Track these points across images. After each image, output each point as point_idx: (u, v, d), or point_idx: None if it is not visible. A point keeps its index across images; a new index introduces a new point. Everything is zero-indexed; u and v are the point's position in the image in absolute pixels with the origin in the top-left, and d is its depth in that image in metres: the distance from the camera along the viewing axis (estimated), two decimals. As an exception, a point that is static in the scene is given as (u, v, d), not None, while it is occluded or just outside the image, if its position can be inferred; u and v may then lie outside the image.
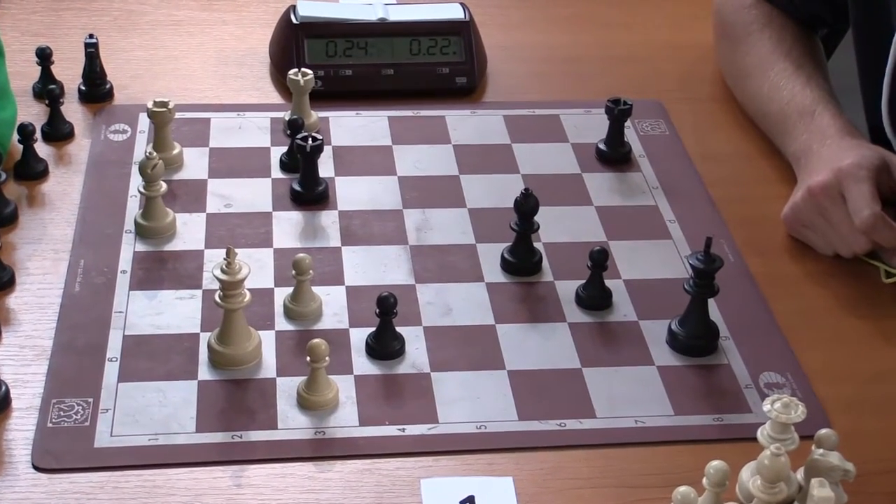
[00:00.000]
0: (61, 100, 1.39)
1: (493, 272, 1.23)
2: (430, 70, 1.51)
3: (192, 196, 1.31)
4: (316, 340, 1.04)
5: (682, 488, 0.90)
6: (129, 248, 1.23)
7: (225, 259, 1.07)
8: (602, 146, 1.41)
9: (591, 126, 1.45)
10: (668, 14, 1.74)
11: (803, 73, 1.41)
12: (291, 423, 1.04)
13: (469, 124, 1.46)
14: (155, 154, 1.23)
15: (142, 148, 1.36)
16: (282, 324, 1.15)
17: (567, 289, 1.21)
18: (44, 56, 1.44)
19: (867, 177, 1.21)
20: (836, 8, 1.46)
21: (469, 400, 1.08)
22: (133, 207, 1.28)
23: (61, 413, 1.03)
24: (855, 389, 1.13)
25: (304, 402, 1.05)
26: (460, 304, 1.18)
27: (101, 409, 1.04)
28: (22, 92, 1.44)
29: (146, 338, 1.12)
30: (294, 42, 1.49)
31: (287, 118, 1.36)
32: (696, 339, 1.14)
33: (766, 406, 0.96)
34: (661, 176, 1.38)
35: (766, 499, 0.92)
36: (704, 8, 1.69)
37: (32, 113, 1.42)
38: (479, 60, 1.53)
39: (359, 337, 1.13)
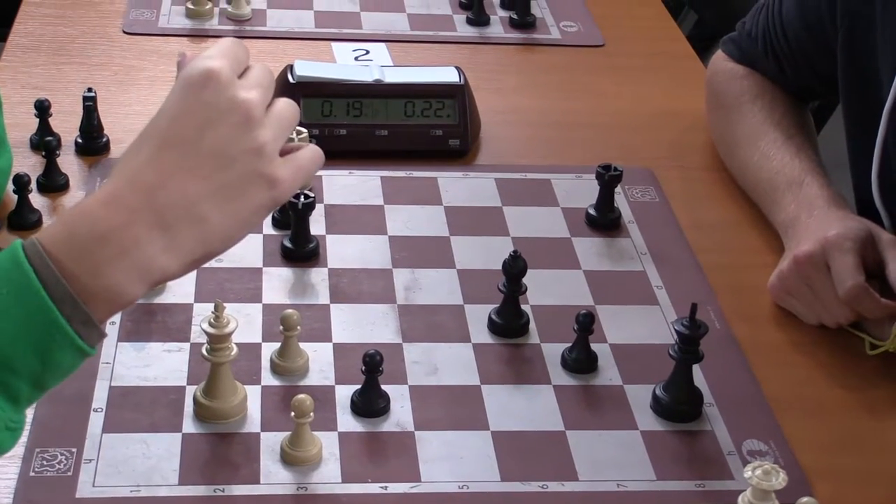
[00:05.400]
0: (58, 152, 1.40)
1: (480, 333, 1.23)
2: (423, 132, 1.52)
3: (183, 250, 1.31)
4: (301, 396, 1.04)
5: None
6: (119, 299, 1.23)
7: (213, 312, 1.08)
8: (592, 211, 1.42)
9: (582, 191, 1.46)
10: (661, 83, 1.76)
11: (793, 144, 1.43)
12: (274, 478, 1.04)
13: (461, 186, 1.47)
14: (148, 207, 1.24)
15: (135, 201, 1.37)
16: (268, 379, 1.15)
17: (553, 351, 1.21)
18: (42, 108, 1.45)
19: (852, 248, 1.22)
20: (826, 80, 1.47)
21: (452, 459, 1.08)
22: (124, 260, 1.28)
23: (44, 462, 1.04)
24: (838, 459, 1.13)
25: (288, 458, 1.06)
26: (446, 363, 1.19)
27: (85, 460, 1.04)
28: (19, 143, 1.45)
29: (132, 389, 1.12)
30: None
31: (280, 175, 1.37)
32: (679, 404, 1.14)
33: (748, 472, 0.96)
34: (649, 242, 1.39)
35: (745, 565, 0.92)
36: (696, 77, 1.71)
37: (29, 164, 1.43)
38: (473, 124, 1.54)
39: (344, 394, 1.13)
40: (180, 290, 1.25)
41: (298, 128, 1.41)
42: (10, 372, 0.81)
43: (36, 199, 1.36)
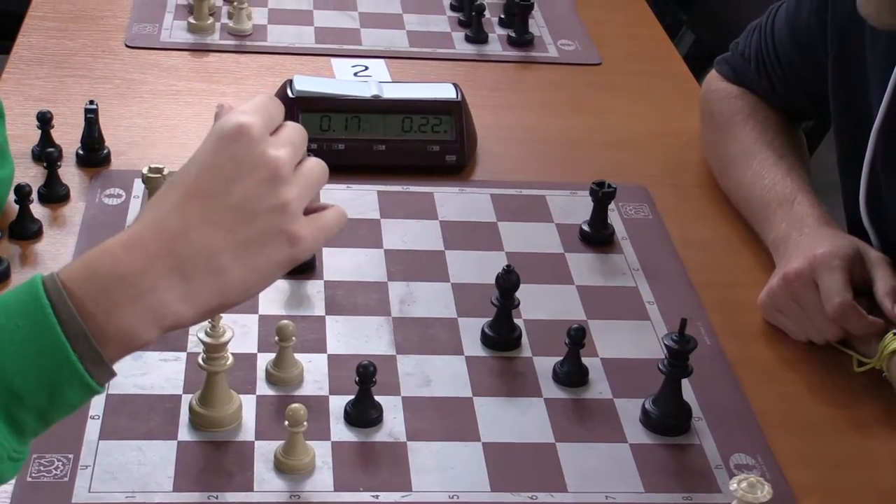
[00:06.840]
0: (59, 163, 1.42)
1: (472, 346, 1.25)
2: (420, 147, 1.54)
3: (181, 261, 1.33)
4: (295, 405, 1.06)
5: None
6: (118, 309, 1.25)
7: (210, 322, 1.09)
8: (586, 227, 1.43)
9: (576, 208, 1.48)
10: (656, 102, 1.78)
11: (785, 163, 1.45)
12: (267, 486, 1.06)
13: (457, 201, 1.49)
14: (147, 218, 1.25)
15: (135, 212, 1.39)
16: (263, 388, 1.17)
17: (545, 365, 1.23)
18: (44, 120, 1.47)
19: (840, 266, 1.24)
20: (817, 100, 1.49)
21: (443, 470, 1.09)
22: (123, 270, 1.30)
23: (41, 468, 1.05)
24: (824, 475, 1.14)
25: (281, 466, 1.07)
26: (439, 375, 1.20)
27: (81, 466, 1.06)
28: (21, 154, 1.47)
29: (129, 397, 1.14)
30: (289, 115, 1.51)
31: (278, 189, 1.39)
32: (668, 418, 1.16)
33: (733, 485, 0.97)
34: (642, 258, 1.41)
35: (729, 576, 0.93)
36: (691, 97, 1.73)
37: (30, 175, 1.45)
38: (470, 140, 1.56)
39: (338, 404, 1.15)
40: (178, 300, 1.27)
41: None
42: (18, 404, 0.82)
43: (37, 210, 1.38)
